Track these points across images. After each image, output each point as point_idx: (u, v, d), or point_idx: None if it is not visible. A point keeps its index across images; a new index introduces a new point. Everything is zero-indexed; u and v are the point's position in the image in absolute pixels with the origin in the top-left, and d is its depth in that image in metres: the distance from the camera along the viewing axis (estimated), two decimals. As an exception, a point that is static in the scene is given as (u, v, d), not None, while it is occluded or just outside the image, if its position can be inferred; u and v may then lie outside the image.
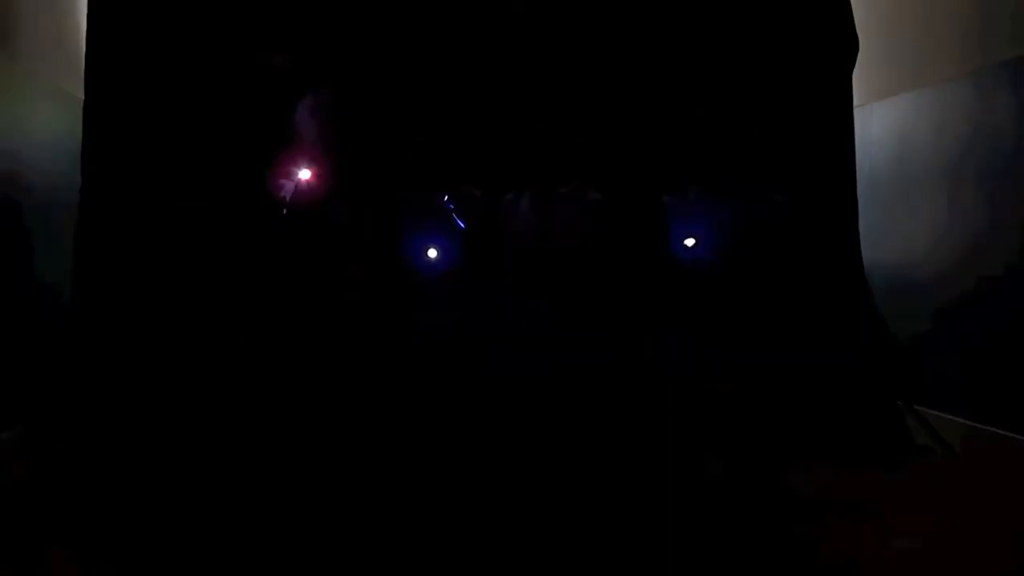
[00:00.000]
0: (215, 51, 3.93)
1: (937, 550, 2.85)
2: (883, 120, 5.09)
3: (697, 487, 2.57)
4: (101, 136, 3.94)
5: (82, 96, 4.01)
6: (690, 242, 2.44)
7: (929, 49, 4.73)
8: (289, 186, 2.83)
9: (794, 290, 3.03)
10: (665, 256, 2.48)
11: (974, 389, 4.30)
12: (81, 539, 2.99)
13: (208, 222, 3.67)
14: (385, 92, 3.83)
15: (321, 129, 2.92)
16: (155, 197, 3.88)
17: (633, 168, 3.32)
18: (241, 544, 2.78)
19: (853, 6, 4.19)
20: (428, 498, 2.96)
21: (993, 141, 4.16)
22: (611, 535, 2.89)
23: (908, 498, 3.48)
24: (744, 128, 2.56)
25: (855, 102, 4.28)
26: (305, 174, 2.85)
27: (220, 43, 3.93)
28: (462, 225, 2.77)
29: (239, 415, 2.96)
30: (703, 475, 2.56)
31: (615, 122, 3.64)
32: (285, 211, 2.85)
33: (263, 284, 2.86)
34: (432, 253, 2.96)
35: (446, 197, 2.78)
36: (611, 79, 3.95)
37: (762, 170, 2.60)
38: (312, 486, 3.02)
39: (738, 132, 2.55)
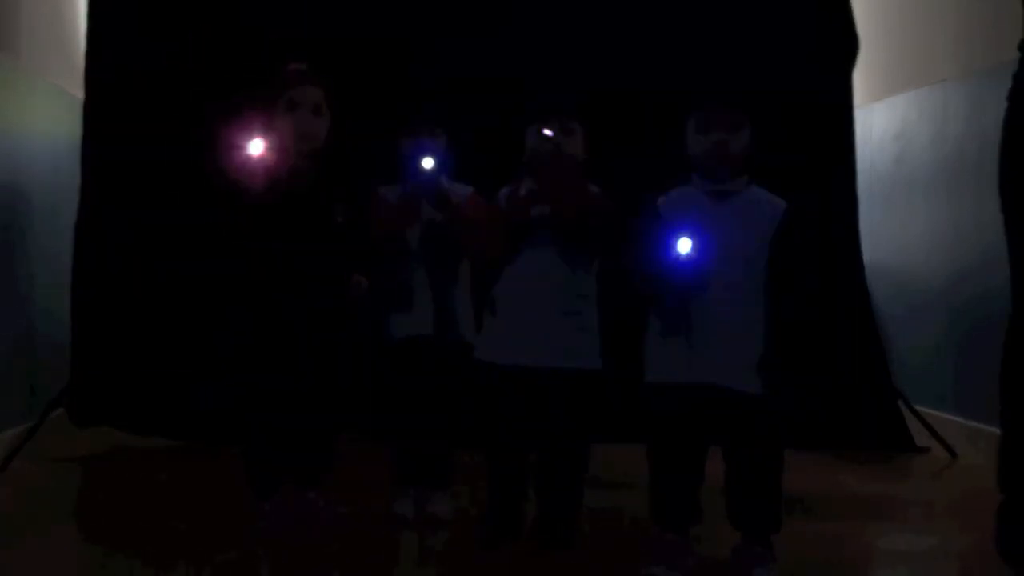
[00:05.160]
0: (214, 50, 3.93)
1: (937, 550, 2.85)
2: (883, 120, 5.09)
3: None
4: (101, 136, 3.94)
5: (82, 96, 4.01)
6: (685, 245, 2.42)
7: (929, 49, 4.73)
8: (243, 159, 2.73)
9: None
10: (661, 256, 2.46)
11: (974, 388, 4.29)
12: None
13: (205, 221, 3.67)
14: (382, 88, 3.84)
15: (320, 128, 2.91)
16: (153, 196, 3.88)
17: (630, 168, 3.33)
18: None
19: (853, 6, 4.19)
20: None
21: (993, 141, 4.15)
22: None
23: (908, 498, 3.48)
24: (744, 128, 2.55)
25: (855, 102, 4.28)
26: (257, 147, 2.77)
27: (219, 42, 3.94)
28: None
29: (230, 407, 2.95)
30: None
31: (613, 120, 3.64)
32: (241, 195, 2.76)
33: (262, 284, 2.85)
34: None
35: None
36: (609, 77, 3.95)
37: (761, 170, 2.59)
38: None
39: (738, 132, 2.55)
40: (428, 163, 2.88)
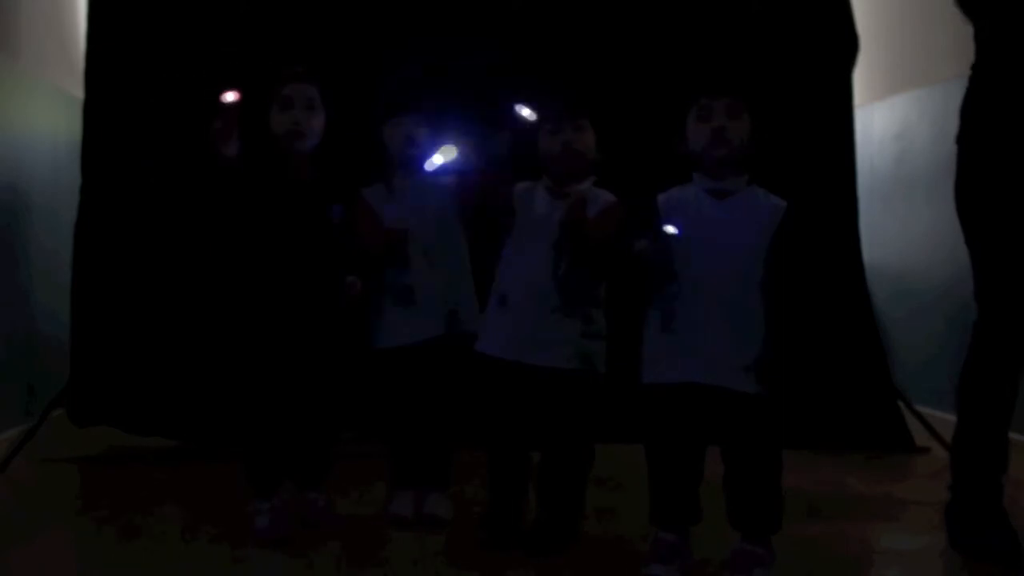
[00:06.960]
0: (214, 50, 3.93)
1: (936, 550, 2.85)
2: (883, 120, 5.09)
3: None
4: (101, 136, 3.94)
5: (82, 96, 4.01)
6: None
7: (929, 49, 4.73)
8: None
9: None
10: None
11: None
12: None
13: (205, 220, 3.67)
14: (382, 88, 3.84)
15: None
16: (153, 196, 3.88)
17: (629, 167, 3.32)
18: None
19: (853, 6, 4.19)
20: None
21: (993, 141, 4.15)
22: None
23: (908, 498, 3.48)
24: (743, 117, 2.55)
25: (855, 102, 4.28)
26: (232, 97, 2.73)
27: (219, 42, 3.93)
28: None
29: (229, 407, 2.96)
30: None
31: (612, 120, 3.63)
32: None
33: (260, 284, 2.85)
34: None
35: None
36: (608, 77, 3.95)
37: (762, 170, 2.59)
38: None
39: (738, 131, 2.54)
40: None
